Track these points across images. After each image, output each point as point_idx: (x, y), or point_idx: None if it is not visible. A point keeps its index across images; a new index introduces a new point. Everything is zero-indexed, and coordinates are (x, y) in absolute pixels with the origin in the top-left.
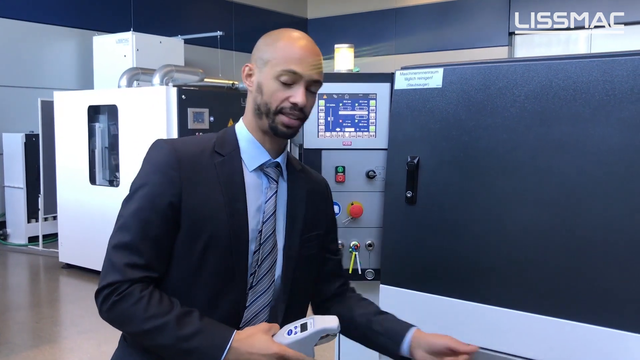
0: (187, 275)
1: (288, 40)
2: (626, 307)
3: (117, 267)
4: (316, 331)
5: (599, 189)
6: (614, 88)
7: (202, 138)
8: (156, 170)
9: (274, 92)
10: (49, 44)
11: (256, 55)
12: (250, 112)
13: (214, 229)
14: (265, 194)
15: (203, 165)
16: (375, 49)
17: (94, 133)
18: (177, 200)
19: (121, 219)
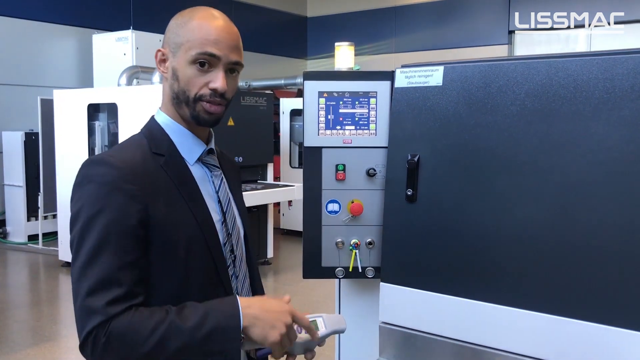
0: (177, 287)
1: (201, 19)
2: (634, 306)
3: (96, 309)
4: (329, 333)
5: (600, 186)
6: (614, 86)
7: (132, 143)
8: (110, 191)
9: (190, 78)
10: (48, 42)
11: (168, 38)
12: (169, 101)
13: (188, 233)
14: (212, 182)
15: (151, 170)
16: (375, 47)
17: (94, 131)
18: (144, 216)
19: (80, 259)
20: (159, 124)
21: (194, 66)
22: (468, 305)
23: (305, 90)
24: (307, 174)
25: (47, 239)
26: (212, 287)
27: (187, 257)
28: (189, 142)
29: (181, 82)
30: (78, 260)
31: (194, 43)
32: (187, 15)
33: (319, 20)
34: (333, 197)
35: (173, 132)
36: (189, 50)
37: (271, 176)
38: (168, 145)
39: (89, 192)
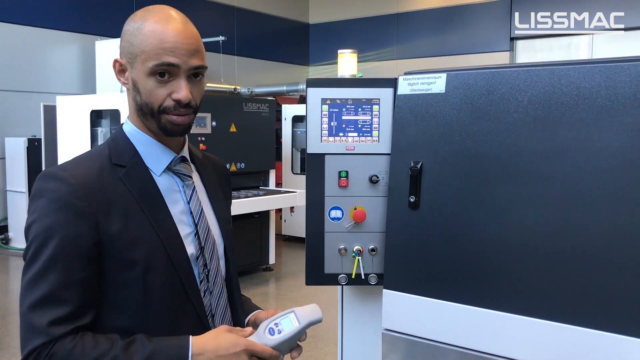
0: (136, 307)
1: (154, 24)
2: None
3: (39, 328)
4: (304, 326)
5: (602, 194)
6: (617, 94)
7: (92, 154)
8: (60, 207)
9: (151, 91)
10: (51, 49)
11: (123, 47)
12: (134, 112)
13: (147, 250)
14: (183, 193)
15: (107, 184)
16: (377, 54)
17: (97, 137)
18: (95, 234)
19: (30, 273)
20: (125, 133)
21: (153, 78)
22: (471, 312)
23: (309, 97)
24: (310, 181)
25: None
26: (179, 305)
27: (145, 274)
28: (156, 152)
29: (143, 94)
30: (27, 274)
31: (149, 54)
32: (139, 19)
33: (321, 27)
34: (336, 204)
35: (138, 141)
36: (146, 62)
37: (273, 182)
38: (131, 155)
39: (41, 207)
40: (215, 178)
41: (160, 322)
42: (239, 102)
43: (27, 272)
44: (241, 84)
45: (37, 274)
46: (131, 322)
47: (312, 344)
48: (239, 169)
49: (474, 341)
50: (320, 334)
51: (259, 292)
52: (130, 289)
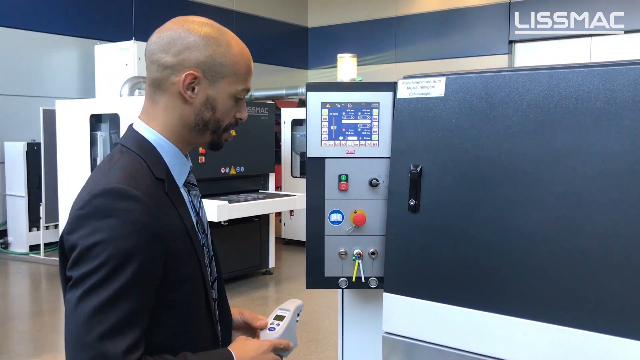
0: (178, 324)
1: (238, 47)
2: (637, 316)
3: (115, 358)
4: (292, 314)
5: (601, 196)
6: (615, 97)
7: (135, 166)
8: (139, 230)
9: (229, 111)
10: (51, 53)
11: (202, 62)
12: (183, 126)
13: (192, 268)
14: (191, 203)
15: (161, 199)
16: (376, 57)
17: (96, 141)
18: (164, 257)
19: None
20: (150, 142)
21: (234, 99)
22: (471, 315)
23: (308, 101)
24: (310, 185)
25: (48, 249)
26: (203, 316)
27: (191, 292)
28: (179, 164)
29: (218, 112)
30: (94, 297)
31: (241, 78)
32: (223, 38)
33: (320, 30)
34: (336, 208)
35: (167, 153)
36: (235, 84)
37: (273, 186)
38: (164, 168)
39: (113, 227)
40: None
41: (191, 335)
42: None
43: (93, 297)
44: None
45: (110, 299)
46: (170, 338)
47: (312, 348)
48: (239, 173)
49: (474, 344)
50: (321, 338)
51: (259, 296)
52: (176, 307)
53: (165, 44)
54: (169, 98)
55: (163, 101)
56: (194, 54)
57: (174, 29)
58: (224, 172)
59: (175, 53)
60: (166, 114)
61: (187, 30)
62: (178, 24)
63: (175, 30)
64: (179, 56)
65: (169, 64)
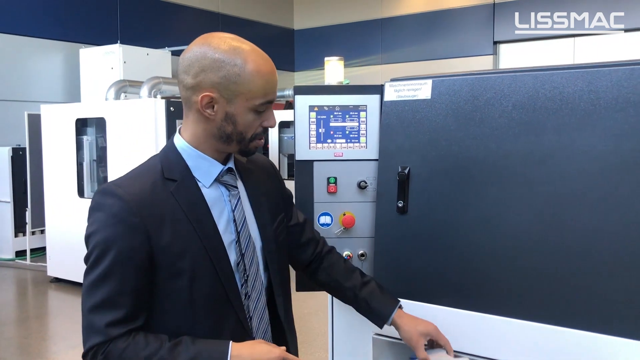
0: (182, 312)
1: (257, 65)
2: (621, 313)
3: (97, 328)
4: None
5: (587, 195)
6: (598, 98)
7: (147, 169)
8: (116, 222)
9: (251, 123)
10: (35, 57)
11: (218, 83)
12: (208, 137)
13: (193, 261)
14: (229, 202)
15: (160, 198)
16: (362, 60)
17: (82, 146)
18: (147, 248)
19: (90, 277)
20: (176, 148)
21: (253, 112)
22: (460, 316)
23: (296, 105)
24: (299, 187)
25: (35, 254)
26: (222, 308)
27: (191, 283)
28: (205, 166)
29: (239, 126)
30: (88, 278)
31: (257, 93)
32: (238, 57)
33: (306, 33)
34: (325, 210)
35: (188, 156)
36: (251, 100)
37: None
38: (182, 170)
39: (99, 219)
40: (262, 180)
41: (205, 325)
42: None
43: (88, 277)
44: None
45: (96, 279)
46: (178, 324)
47: (303, 349)
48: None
49: (464, 344)
50: (311, 340)
51: None
52: (177, 295)
53: (187, 66)
54: (194, 114)
55: (191, 116)
56: (209, 76)
57: (194, 50)
58: None
59: (194, 75)
60: (194, 127)
61: (205, 52)
62: (199, 44)
63: (196, 50)
64: (197, 78)
65: (190, 85)
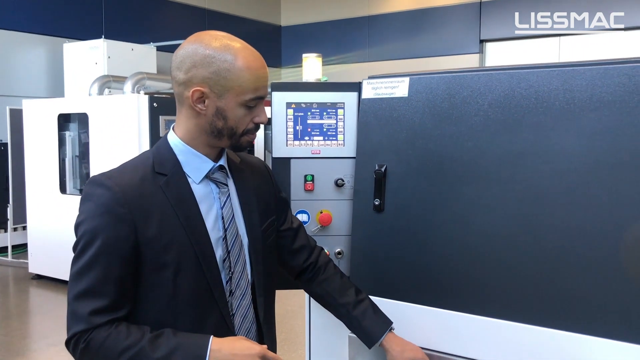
0: (165, 305)
1: (247, 61)
2: (594, 312)
3: (81, 316)
4: None
5: (562, 194)
6: (573, 97)
7: (138, 162)
8: (104, 212)
9: (240, 118)
10: (18, 51)
11: (208, 78)
12: (200, 132)
13: (179, 254)
14: (218, 199)
15: (148, 191)
16: (349, 56)
17: (65, 141)
18: (133, 239)
19: (77, 266)
20: (169, 143)
21: (244, 107)
22: (436, 314)
23: (273, 101)
24: None
25: (16, 251)
26: (205, 304)
27: (175, 276)
28: (195, 162)
29: (230, 121)
30: (75, 266)
31: (247, 89)
32: (228, 53)
33: (293, 29)
34: (302, 208)
35: (181, 152)
36: (241, 95)
37: None
38: (173, 164)
39: (88, 209)
40: (254, 181)
41: (187, 319)
42: None
43: (75, 265)
44: None
45: (82, 267)
46: (161, 317)
47: (285, 347)
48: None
49: (439, 343)
50: (293, 337)
51: None
52: (161, 288)
53: (179, 62)
54: (186, 110)
55: (184, 111)
56: (200, 71)
57: (186, 47)
58: None
59: (186, 70)
60: (187, 122)
61: (197, 48)
62: (192, 41)
63: (188, 47)
64: (188, 73)
65: (182, 80)
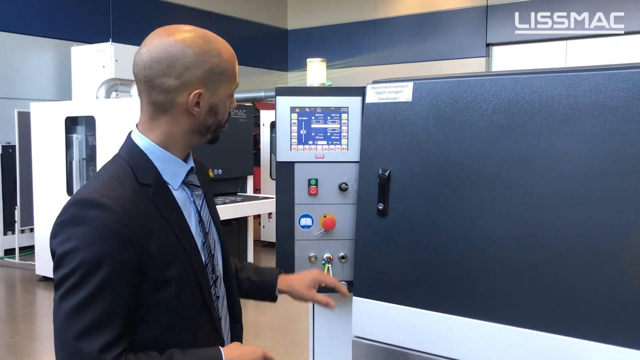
0: (165, 322)
1: (227, 49)
2: (602, 318)
3: (90, 356)
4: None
5: (565, 200)
6: (577, 102)
7: (117, 173)
8: (107, 237)
9: (226, 109)
10: (26, 55)
11: (203, 77)
12: (185, 134)
13: (180, 268)
14: (193, 203)
15: (143, 206)
16: (355, 60)
17: (72, 144)
18: (140, 260)
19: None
20: (141, 149)
21: (229, 97)
22: (441, 319)
23: (278, 106)
24: (280, 189)
25: (23, 253)
26: (200, 313)
27: (179, 292)
28: (173, 167)
29: (219, 115)
30: (69, 301)
31: (233, 78)
32: (212, 46)
33: (300, 33)
34: (306, 212)
35: (157, 158)
36: (230, 86)
37: (251, 188)
38: (154, 173)
39: (83, 235)
40: (202, 176)
41: (185, 333)
42: None
43: (69, 299)
44: None
45: (84, 301)
46: (159, 335)
47: (290, 350)
48: (217, 175)
49: (444, 348)
50: (298, 341)
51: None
52: (162, 306)
53: (164, 68)
54: (172, 115)
55: (165, 118)
56: (194, 73)
57: (166, 49)
58: None
59: (177, 75)
60: (167, 127)
61: (182, 49)
62: (166, 42)
63: (168, 49)
64: (182, 78)
65: (173, 87)
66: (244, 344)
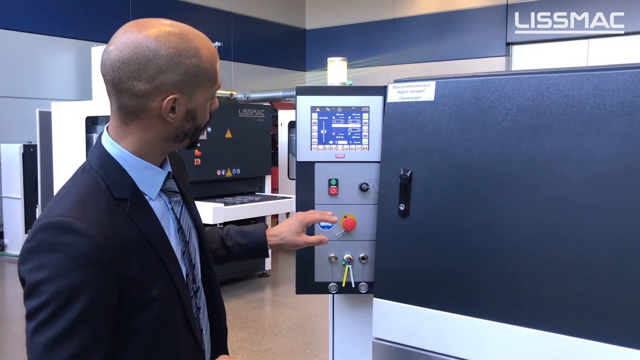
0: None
1: (207, 49)
2: (627, 322)
3: None
4: None
5: (590, 201)
6: (604, 102)
7: (89, 187)
8: (83, 264)
9: (206, 112)
10: (47, 55)
11: (179, 80)
12: (160, 141)
13: (161, 288)
14: (171, 210)
15: (119, 225)
16: (373, 59)
17: (92, 143)
18: (119, 285)
19: (50, 332)
20: (114, 158)
21: (209, 100)
22: (461, 321)
23: (298, 105)
24: (300, 189)
25: None
26: (180, 329)
27: (162, 312)
28: (149, 176)
29: (198, 119)
30: (45, 333)
31: (212, 80)
32: (189, 46)
33: (318, 32)
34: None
35: (131, 167)
36: (211, 88)
37: (269, 188)
38: (129, 185)
39: (57, 263)
40: (179, 171)
41: (166, 352)
42: (234, 108)
43: (45, 332)
44: (237, 89)
45: (62, 334)
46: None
47: (307, 351)
48: (235, 175)
49: (464, 350)
50: (316, 341)
51: (255, 299)
52: (143, 328)
53: (134, 71)
54: (145, 121)
55: (137, 124)
56: (169, 76)
57: (136, 48)
58: (220, 174)
59: (149, 79)
60: (140, 134)
61: (153, 49)
62: (137, 40)
63: (139, 49)
64: (154, 82)
65: (144, 91)
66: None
